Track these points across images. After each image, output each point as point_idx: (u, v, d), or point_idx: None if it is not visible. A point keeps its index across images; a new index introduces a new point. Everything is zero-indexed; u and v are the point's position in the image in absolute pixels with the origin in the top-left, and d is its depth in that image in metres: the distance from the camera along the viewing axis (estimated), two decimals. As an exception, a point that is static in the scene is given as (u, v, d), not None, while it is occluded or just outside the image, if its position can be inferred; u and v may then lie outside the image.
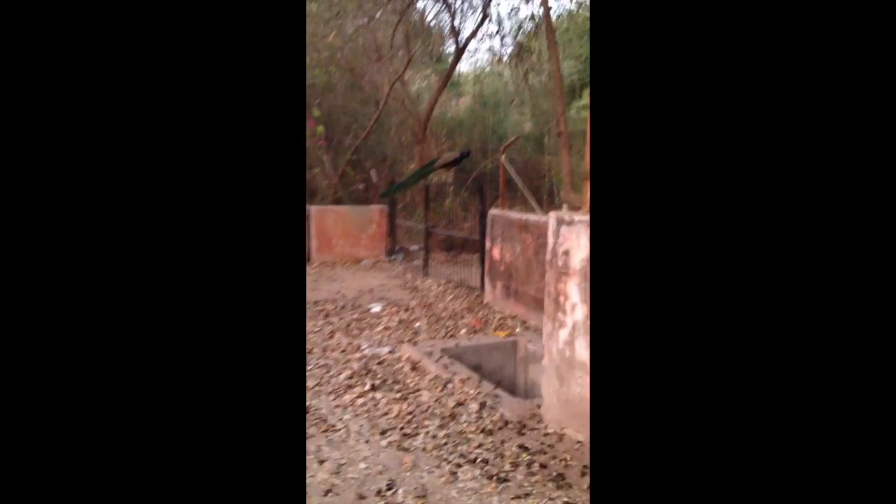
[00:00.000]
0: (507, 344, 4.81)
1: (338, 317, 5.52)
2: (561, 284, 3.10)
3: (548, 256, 3.24)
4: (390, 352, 4.48)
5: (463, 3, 10.71)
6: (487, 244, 6.25)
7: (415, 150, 11.17)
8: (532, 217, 5.64)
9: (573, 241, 3.01)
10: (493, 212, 6.21)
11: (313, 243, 8.50)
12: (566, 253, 3.06)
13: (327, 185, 10.28)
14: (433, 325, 5.34)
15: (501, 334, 4.99)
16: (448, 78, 11.44)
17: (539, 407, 3.42)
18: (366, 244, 8.85)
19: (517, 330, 5.17)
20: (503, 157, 6.34)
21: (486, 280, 6.29)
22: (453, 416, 3.35)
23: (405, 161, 12.27)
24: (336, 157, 10.94)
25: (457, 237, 8.42)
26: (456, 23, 10.74)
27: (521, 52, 11.29)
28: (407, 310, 5.86)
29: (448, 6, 10.47)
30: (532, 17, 11.89)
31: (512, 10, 12.77)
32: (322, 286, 6.91)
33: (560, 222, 3.12)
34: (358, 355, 4.38)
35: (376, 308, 5.88)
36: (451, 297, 6.49)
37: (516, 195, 8.60)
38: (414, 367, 4.14)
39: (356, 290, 6.73)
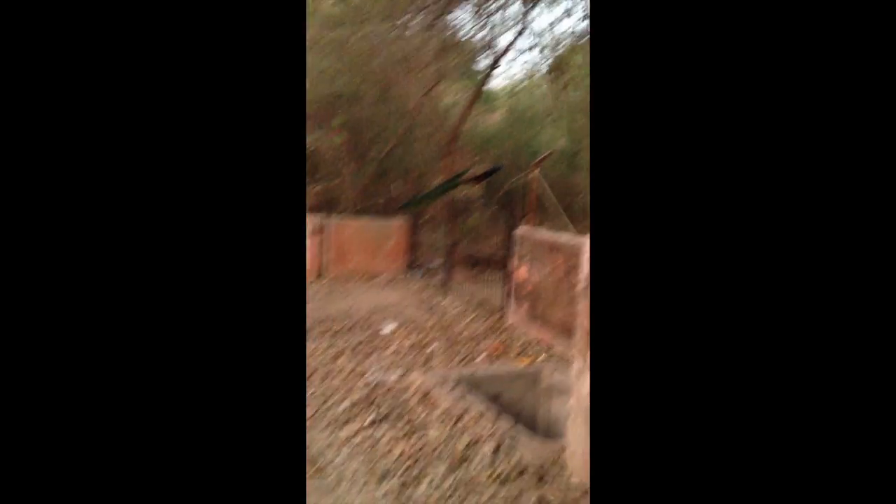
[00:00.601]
0: (529, 373, 4.31)
1: (345, 337, 5.08)
2: (594, 312, 2.62)
3: (582, 284, 2.75)
4: (398, 379, 4.01)
5: (499, 15, 10.26)
6: (513, 264, 5.78)
7: (441, 164, 10.77)
8: (563, 237, 5.16)
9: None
10: (522, 229, 5.74)
11: (329, 256, 8.11)
12: (602, 275, 2.58)
13: (348, 196, 9.92)
14: (449, 348, 4.86)
15: (524, 362, 4.49)
16: (480, 90, 11.06)
17: (563, 450, 2.92)
18: (384, 259, 8.42)
19: (541, 357, 4.67)
20: (535, 172, 5.87)
21: (510, 301, 5.80)
22: (464, 460, 2.87)
23: (432, 174, 11.89)
24: (360, 169, 10.60)
25: (481, 254, 7.94)
26: (491, 35, 10.33)
27: (559, 65, 10.85)
28: (422, 331, 5.40)
29: (485, 17, 10.11)
30: (572, 31, 11.49)
31: (552, 23, 12.29)
32: (333, 303, 6.49)
33: (595, 238, 2.65)
34: (362, 382, 3.93)
35: (388, 328, 5.43)
36: (471, 317, 6.01)
37: (547, 213, 8.13)
38: (423, 398, 3.67)
39: (369, 308, 6.29)
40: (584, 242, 5.01)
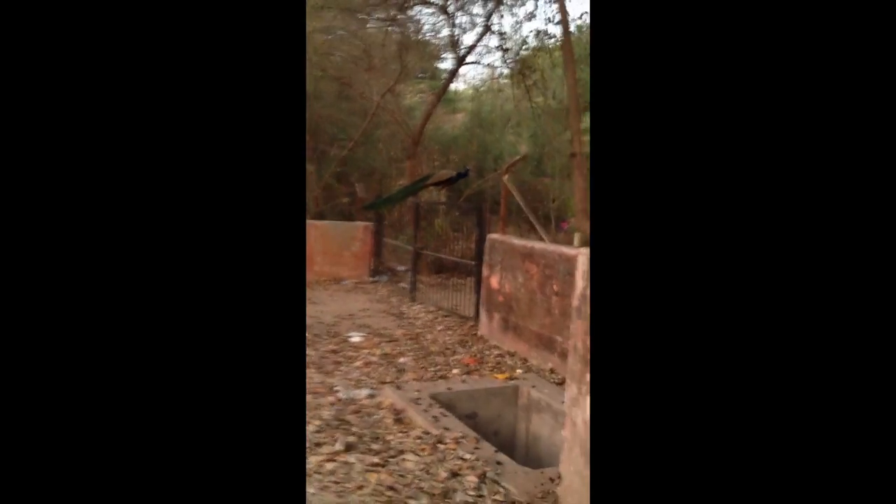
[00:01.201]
0: (506, 389, 4.13)
1: (311, 347, 4.79)
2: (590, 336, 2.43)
3: (574, 302, 2.57)
4: (370, 396, 3.76)
5: (463, 14, 10.06)
6: (485, 271, 5.58)
7: (405, 166, 10.51)
8: (538, 245, 5.00)
9: (613, 279, 2.35)
10: (493, 236, 5.55)
11: (290, 259, 7.77)
12: (602, 294, 2.40)
13: (309, 197, 9.57)
14: (421, 360, 4.64)
15: (500, 377, 4.31)
16: (444, 91, 10.85)
17: (553, 481, 2.74)
18: (348, 263, 8.12)
19: (518, 371, 4.49)
20: (506, 177, 5.69)
21: (482, 310, 5.60)
22: (445, 494, 2.65)
23: (395, 176, 11.62)
24: (320, 169, 10.27)
25: (448, 260, 7.73)
26: (454, 34, 10.11)
27: (523, 68, 10.71)
28: (391, 340, 5.16)
29: (448, 16, 9.90)
30: (538, 33, 11.33)
31: (516, 23, 12.15)
32: (296, 309, 6.18)
33: (595, 255, 2.46)
34: (331, 399, 3.66)
35: (356, 338, 5.16)
36: (442, 326, 5.80)
37: (513, 219, 7.98)
38: (398, 418, 3.43)
39: (334, 315, 6.01)
40: (562, 252, 4.87)
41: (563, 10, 6.59)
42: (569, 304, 4.85)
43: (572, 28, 7.11)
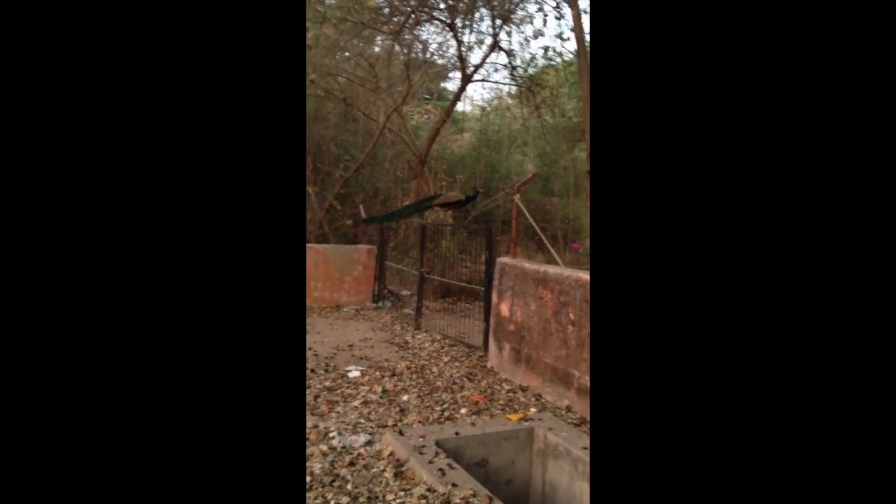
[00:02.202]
0: (520, 432, 3.71)
1: (306, 382, 4.40)
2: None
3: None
4: (368, 443, 3.36)
5: (470, 32, 9.78)
6: (494, 298, 5.19)
7: (411, 185, 10.18)
8: (552, 269, 4.61)
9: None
10: (503, 260, 5.17)
11: (290, 285, 7.41)
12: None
13: (311, 219, 9.23)
14: (426, 398, 4.24)
15: (513, 418, 3.89)
16: (451, 110, 10.56)
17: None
18: (349, 288, 7.74)
19: (532, 410, 4.07)
20: (517, 196, 5.33)
21: (491, 340, 5.20)
22: (454, 570, 2.24)
23: (400, 196, 11.29)
24: (323, 191, 9.94)
25: (455, 284, 7.34)
26: (462, 52, 9.82)
27: (532, 86, 10.41)
28: (393, 375, 4.76)
29: (455, 34, 9.61)
30: (546, 50, 11.04)
31: (524, 40, 11.87)
32: (294, 338, 5.79)
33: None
34: (323, 447, 3.26)
35: (355, 372, 4.77)
36: (448, 357, 5.40)
37: (520, 239, 7.60)
38: (398, 471, 3.02)
39: (332, 346, 5.61)
40: (578, 277, 4.48)
41: (578, 24, 6.28)
42: (587, 335, 4.45)
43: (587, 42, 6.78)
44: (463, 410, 4.03)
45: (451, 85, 12.58)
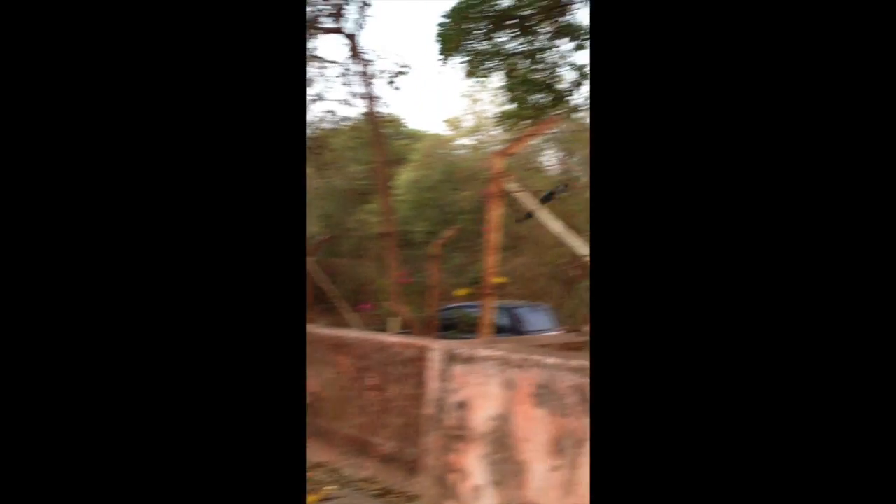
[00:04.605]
0: (321, 513, 3.46)
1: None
2: (453, 455, 1.99)
3: (428, 409, 2.13)
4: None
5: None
6: (286, 366, 4.89)
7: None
8: (351, 333, 4.49)
9: (476, 387, 1.95)
10: (296, 324, 4.92)
11: None
12: (463, 406, 1.98)
13: None
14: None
15: (312, 499, 3.63)
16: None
17: None
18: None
19: (332, 488, 3.84)
20: (313, 258, 5.16)
21: (282, 412, 4.86)
22: None
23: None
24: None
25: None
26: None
27: (316, 147, 10.37)
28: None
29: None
30: (330, 112, 11.11)
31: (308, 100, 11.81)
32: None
33: (451, 358, 2.06)
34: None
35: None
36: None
37: (322, 304, 7.36)
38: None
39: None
40: (378, 339, 4.41)
41: (369, 90, 6.43)
42: (387, 400, 4.37)
43: (379, 106, 6.97)
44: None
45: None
